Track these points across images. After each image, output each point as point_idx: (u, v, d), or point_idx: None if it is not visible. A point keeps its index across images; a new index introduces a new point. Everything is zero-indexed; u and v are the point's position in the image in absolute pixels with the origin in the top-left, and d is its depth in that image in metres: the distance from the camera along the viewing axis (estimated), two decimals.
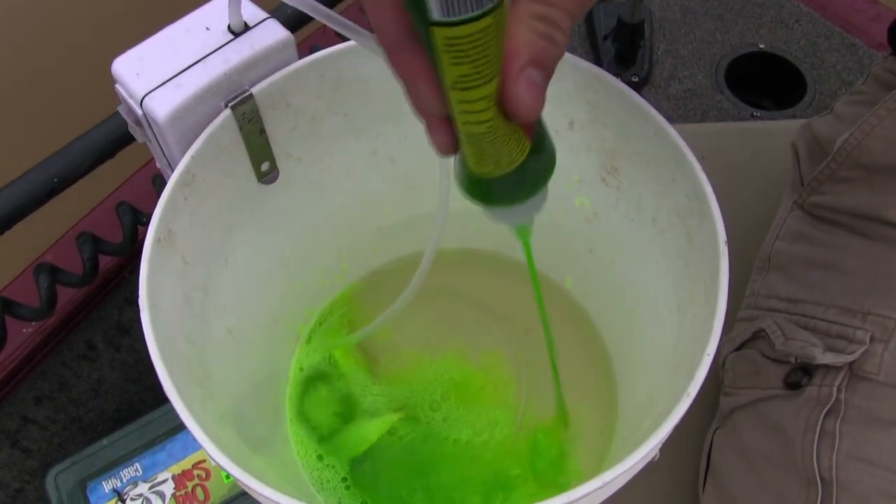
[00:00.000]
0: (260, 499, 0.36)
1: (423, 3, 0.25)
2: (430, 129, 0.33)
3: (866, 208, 0.55)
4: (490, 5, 0.25)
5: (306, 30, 0.63)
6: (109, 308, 0.90)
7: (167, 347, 0.40)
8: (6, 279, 0.86)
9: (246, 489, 0.38)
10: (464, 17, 0.25)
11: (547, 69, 0.30)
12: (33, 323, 0.84)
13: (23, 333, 0.85)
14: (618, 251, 0.56)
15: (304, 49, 0.50)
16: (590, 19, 1.16)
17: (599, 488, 0.34)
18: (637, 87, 1.06)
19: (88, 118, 0.74)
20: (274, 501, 0.34)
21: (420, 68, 0.29)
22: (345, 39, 0.48)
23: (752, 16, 1.18)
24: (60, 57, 1.37)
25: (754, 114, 1.09)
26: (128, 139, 0.73)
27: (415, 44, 0.29)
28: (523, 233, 0.41)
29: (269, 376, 0.59)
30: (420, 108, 0.32)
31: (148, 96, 0.44)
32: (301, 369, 0.61)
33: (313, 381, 0.61)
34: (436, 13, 0.25)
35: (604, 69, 0.48)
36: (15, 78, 1.34)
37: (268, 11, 0.50)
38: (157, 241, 0.42)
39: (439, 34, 0.26)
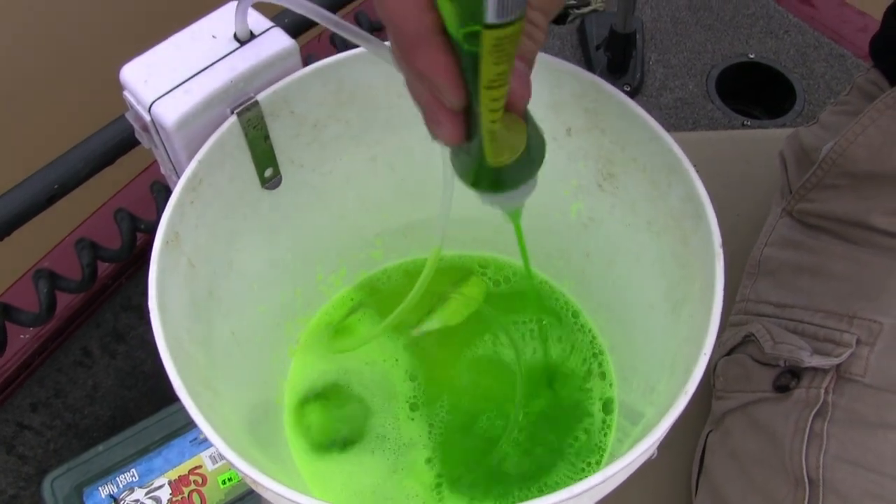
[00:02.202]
0: (268, 495, 0.37)
1: (478, 8, 0.28)
2: (440, 122, 0.34)
3: (852, 215, 0.56)
4: (524, 7, 0.28)
5: (302, 39, 0.64)
6: (106, 315, 0.91)
7: (175, 348, 0.41)
8: (4, 285, 0.86)
9: (254, 487, 0.39)
10: (511, 18, 0.28)
11: (530, 62, 0.35)
12: (30, 329, 0.84)
13: (20, 339, 0.86)
14: (614, 255, 0.57)
15: (303, 58, 0.51)
16: (582, 30, 1.18)
17: (601, 483, 0.35)
18: (629, 97, 1.07)
19: (88, 125, 0.75)
20: (290, 500, 0.35)
21: (443, 63, 0.31)
22: (338, 50, 0.49)
23: (742, 26, 1.19)
24: (60, 65, 1.37)
25: (745, 123, 1.11)
26: (127, 146, 0.73)
27: (438, 38, 0.31)
28: (516, 215, 0.46)
29: (270, 378, 0.59)
30: (436, 102, 0.33)
31: (156, 103, 0.45)
32: (301, 373, 0.62)
33: (312, 385, 0.61)
34: (492, 17, 0.28)
35: None
36: (16, 85, 1.34)
37: (270, 18, 0.50)
38: (166, 243, 0.43)
39: (490, 36, 0.29)
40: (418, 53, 0.31)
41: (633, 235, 0.53)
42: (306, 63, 0.50)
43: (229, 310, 0.51)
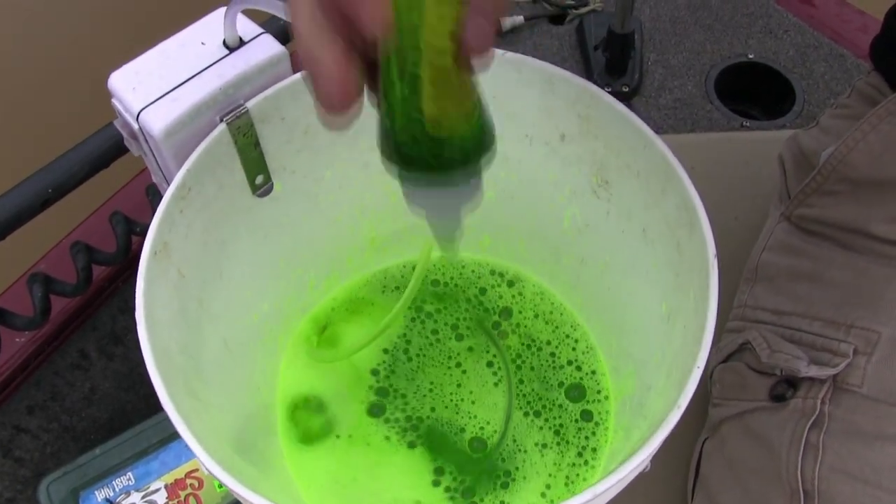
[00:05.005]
0: None
1: None
2: (335, 74, 0.30)
3: (852, 221, 0.55)
4: None
5: (293, 45, 0.64)
6: (103, 317, 0.91)
7: (163, 358, 0.40)
8: None
9: (239, 498, 0.38)
10: None
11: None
12: (27, 332, 0.84)
13: (16, 343, 0.85)
14: (608, 262, 0.56)
15: (293, 64, 0.50)
16: (581, 30, 1.17)
17: (591, 500, 0.35)
18: (627, 97, 1.07)
19: (83, 128, 0.74)
20: None
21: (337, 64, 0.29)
22: None
23: (741, 26, 1.19)
24: (55, 69, 1.37)
25: (744, 123, 1.10)
26: (122, 149, 0.73)
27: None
28: (449, 234, 0.34)
29: (262, 387, 0.59)
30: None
31: (144, 111, 0.45)
32: (293, 380, 0.61)
33: (305, 392, 0.61)
34: None
35: (594, 79, 0.48)
36: (9, 89, 1.34)
37: (260, 25, 0.50)
38: (154, 253, 0.43)
39: None
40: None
41: (627, 242, 0.53)
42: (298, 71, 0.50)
43: (220, 318, 0.51)
